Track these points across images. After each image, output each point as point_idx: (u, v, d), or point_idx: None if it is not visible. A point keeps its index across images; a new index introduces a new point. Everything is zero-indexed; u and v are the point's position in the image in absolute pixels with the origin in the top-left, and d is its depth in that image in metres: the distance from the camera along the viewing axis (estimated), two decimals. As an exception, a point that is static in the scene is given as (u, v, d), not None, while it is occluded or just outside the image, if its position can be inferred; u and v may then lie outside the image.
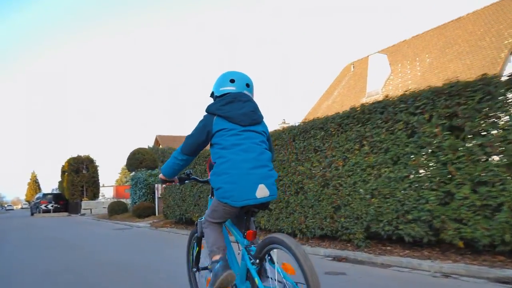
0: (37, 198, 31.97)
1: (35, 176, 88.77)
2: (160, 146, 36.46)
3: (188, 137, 2.48)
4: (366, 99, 21.13)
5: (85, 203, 27.28)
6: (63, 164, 32.65)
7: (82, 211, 26.94)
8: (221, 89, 2.51)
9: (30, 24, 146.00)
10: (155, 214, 16.42)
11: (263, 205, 2.36)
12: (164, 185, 2.88)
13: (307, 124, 6.26)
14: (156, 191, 16.59)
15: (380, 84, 21.16)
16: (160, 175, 2.72)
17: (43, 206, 29.46)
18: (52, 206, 29.62)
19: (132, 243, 8.69)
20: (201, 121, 2.45)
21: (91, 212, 26.99)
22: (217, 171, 2.31)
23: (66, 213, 29.87)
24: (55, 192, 34.69)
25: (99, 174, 31.23)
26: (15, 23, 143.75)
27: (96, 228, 14.06)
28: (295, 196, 6.43)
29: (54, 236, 10.89)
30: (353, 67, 25.95)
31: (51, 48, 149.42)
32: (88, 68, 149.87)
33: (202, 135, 2.41)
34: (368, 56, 22.69)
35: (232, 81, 2.49)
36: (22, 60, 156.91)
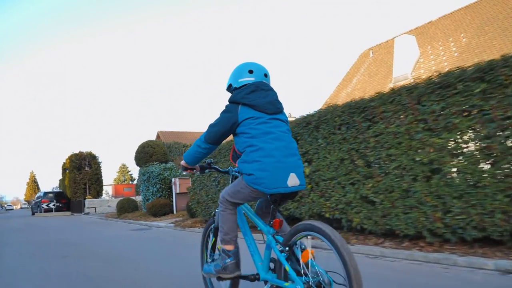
0: (38, 197, 29.65)
1: (34, 176, 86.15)
2: (163, 142, 34.32)
3: (212, 126, 2.37)
4: (393, 85, 19.19)
5: (89, 202, 25.05)
6: (64, 161, 30.39)
7: (86, 210, 24.72)
8: (239, 80, 2.42)
9: (26, 20, 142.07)
10: (173, 212, 14.31)
11: (292, 195, 2.27)
12: (185, 172, 2.86)
13: (446, 76, 4.19)
14: (173, 186, 14.47)
15: (409, 67, 19.16)
16: (182, 162, 2.59)
17: (44, 205, 27.18)
18: (54, 205, 27.34)
19: (169, 249, 6.59)
20: (225, 111, 2.35)
21: (95, 211, 24.78)
22: (247, 159, 2.21)
23: (68, 212, 27.61)
24: (56, 190, 32.38)
25: (102, 171, 29.01)
26: (13, 20, 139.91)
27: (109, 229, 11.92)
28: (424, 182, 4.37)
29: (64, 239, 8.76)
30: (372, 52, 24.01)
31: (48, 45, 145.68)
32: (86, 65, 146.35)
33: (227, 125, 2.30)
34: (393, 38, 20.74)
35: (250, 71, 2.42)
36: (19, 58, 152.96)
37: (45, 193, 28.99)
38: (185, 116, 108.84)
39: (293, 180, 2.16)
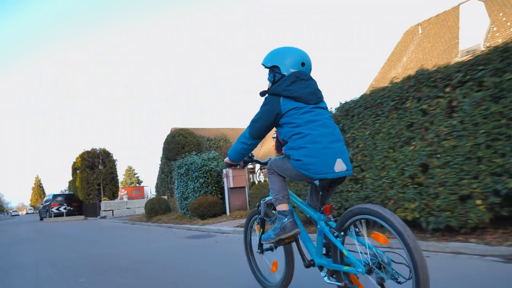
0: (46, 201, 26.34)
1: (39, 181, 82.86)
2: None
3: (255, 121, 2.32)
4: (460, 59, 16.05)
5: (105, 204, 21.71)
6: (75, 160, 27.16)
7: (102, 213, 21.43)
8: (291, 70, 2.29)
9: (31, 21, 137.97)
10: (225, 213, 11.07)
11: (340, 180, 2.21)
12: (229, 169, 2.84)
13: None
14: (225, 180, 11.20)
15: (479, 38, 15.99)
16: (226, 159, 2.61)
17: (54, 209, 23.89)
18: (64, 208, 24.06)
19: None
20: (266, 104, 2.29)
21: (112, 214, 21.49)
22: (294, 146, 2.16)
23: (81, 216, 24.32)
24: (66, 192, 29.05)
25: (117, 169, 25.73)
26: (16, 23, 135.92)
27: (151, 237, 8.68)
28: None
29: (102, 255, 5.53)
30: (421, 28, 20.89)
31: (48, 47, 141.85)
32: (94, 67, 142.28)
33: (270, 118, 2.25)
34: (458, 5, 17.62)
35: (303, 64, 2.31)
36: (17, 62, 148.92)
37: (55, 196, 25.68)
38: (192, 114, 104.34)
39: (340, 166, 2.11)
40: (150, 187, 24.67)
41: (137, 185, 54.07)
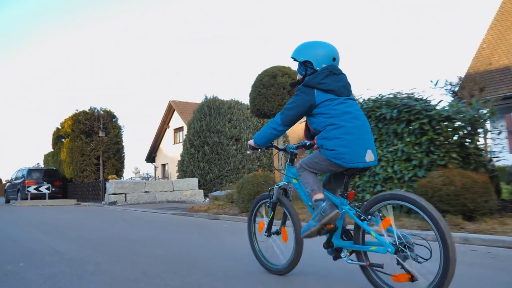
0: (18, 178, 18.29)
1: (-10, 158, 70.42)
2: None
3: (289, 109, 2.33)
4: None
5: (115, 185, 14.37)
6: (59, 126, 19.32)
7: (110, 198, 14.20)
8: (323, 65, 2.29)
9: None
10: (501, 209, 4.81)
11: (365, 169, 2.24)
12: (250, 151, 2.63)
13: None
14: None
15: None
16: (250, 142, 2.60)
17: (31, 189, 16.14)
18: (47, 188, 16.37)
19: None
20: (301, 94, 2.29)
21: (125, 200, 14.34)
22: (328, 136, 2.19)
23: (72, 201, 16.67)
24: (42, 167, 20.83)
25: (123, 139, 18.23)
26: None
27: None
28: None
29: None
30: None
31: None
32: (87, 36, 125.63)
33: (304, 107, 2.27)
34: None
35: (334, 59, 2.33)
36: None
37: (30, 171, 17.80)
38: (198, 85, 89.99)
39: (369, 156, 2.16)
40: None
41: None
